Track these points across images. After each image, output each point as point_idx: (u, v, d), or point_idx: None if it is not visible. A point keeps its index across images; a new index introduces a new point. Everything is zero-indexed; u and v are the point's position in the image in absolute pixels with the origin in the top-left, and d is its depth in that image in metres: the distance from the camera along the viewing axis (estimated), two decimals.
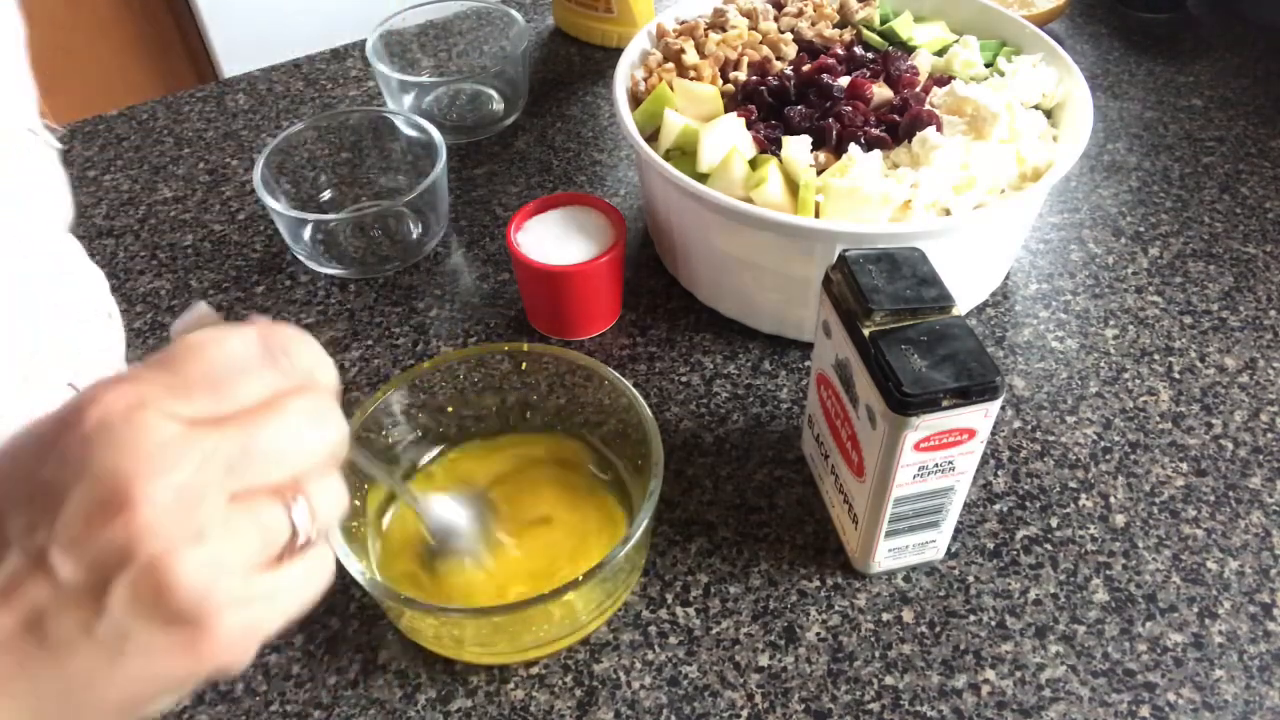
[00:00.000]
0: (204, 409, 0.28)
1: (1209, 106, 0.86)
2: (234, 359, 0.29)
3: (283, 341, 0.31)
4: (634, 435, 0.52)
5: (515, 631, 0.48)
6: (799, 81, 0.67)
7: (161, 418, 0.27)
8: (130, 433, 0.26)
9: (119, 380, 0.28)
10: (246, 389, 0.29)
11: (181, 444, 0.27)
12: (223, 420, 0.28)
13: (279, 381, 0.30)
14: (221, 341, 0.29)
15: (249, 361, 0.29)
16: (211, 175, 0.82)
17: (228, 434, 0.28)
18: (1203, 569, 0.54)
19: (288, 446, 0.30)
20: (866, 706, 0.48)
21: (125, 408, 0.27)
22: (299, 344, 0.31)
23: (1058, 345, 0.66)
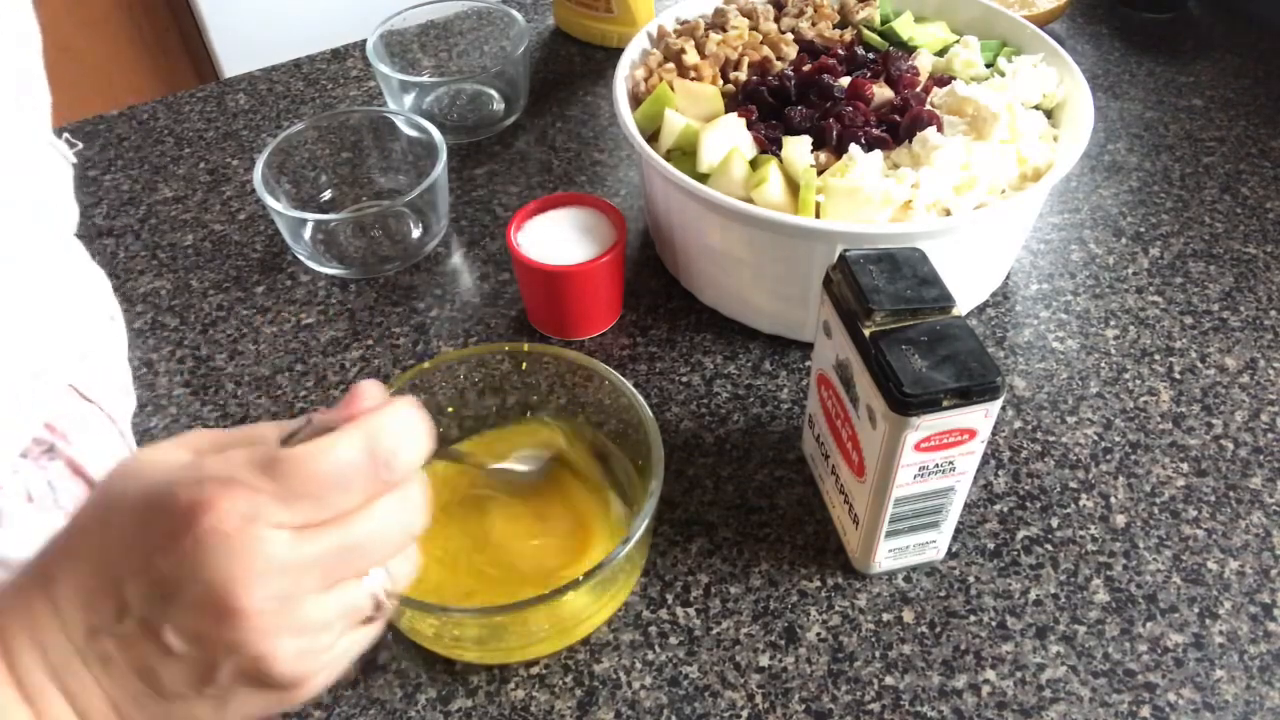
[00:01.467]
0: (307, 517, 0.31)
1: (1209, 106, 0.86)
2: (339, 473, 0.31)
3: (390, 448, 0.32)
4: (634, 435, 0.52)
5: (515, 631, 0.48)
6: (799, 81, 0.67)
7: (269, 531, 0.30)
8: (242, 547, 0.29)
9: (231, 484, 0.30)
10: (347, 498, 0.32)
11: (286, 555, 0.30)
12: (323, 525, 0.31)
13: (377, 488, 0.32)
14: (330, 455, 0.31)
15: (353, 475, 0.32)
16: (211, 175, 0.82)
17: (327, 540, 0.31)
18: (1203, 569, 0.54)
19: (378, 543, 0.33)
20: (867, 707, 0.48)
21: (239, 520, 0.29)
22: (406, 447, 0.33)
23: (1058, 345, 0.66)
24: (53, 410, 0.48)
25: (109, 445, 0.52)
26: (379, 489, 0.32)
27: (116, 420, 0.53)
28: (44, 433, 0.47)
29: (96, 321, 0.55)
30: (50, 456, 0.47)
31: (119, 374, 0.57)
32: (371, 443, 0.32)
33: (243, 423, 0.62)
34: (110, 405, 0.53)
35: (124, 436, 0.54)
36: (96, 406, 0.51)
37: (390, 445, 0.32)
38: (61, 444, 0.48)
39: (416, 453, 0.33)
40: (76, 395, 0.50)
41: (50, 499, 0.46)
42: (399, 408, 0.33)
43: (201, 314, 0.70)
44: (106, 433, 0.52)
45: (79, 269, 0.54)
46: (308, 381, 0.65)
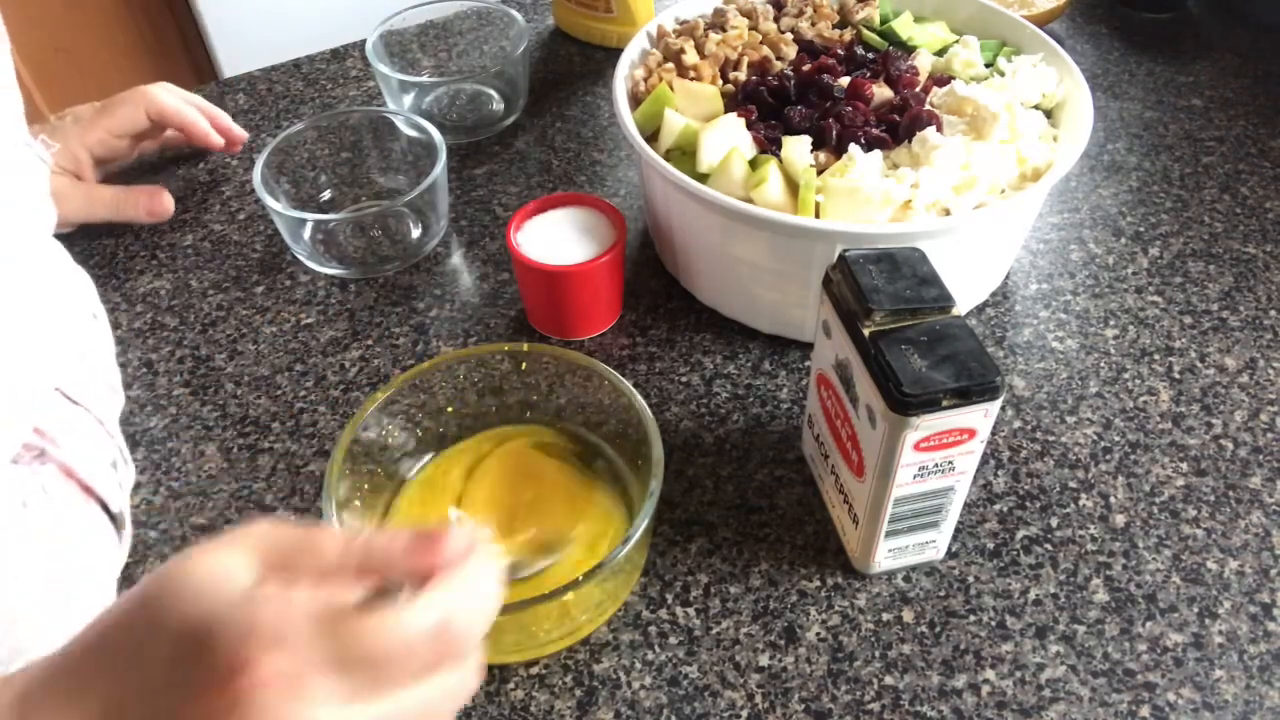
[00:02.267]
0: (360, 685, 0.28)
1: (1209, 106, 0.86)
2: (406, 647, 0.29)
3: (464, 628, 0.30)
4: (634, 435, 0.52)
5: (515, 631, 0.48)
6: (799, 81, 0.67)
7: (317, 707, 0.27)
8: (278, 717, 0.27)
9: (279, 645, 0.27)
10: (405, 671, 0.29)
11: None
12: (375, 692, 0.29)
13: (441, 665, 0.30)
14: (400, 632, 0.29)
15: (420, 651, 0.29)
16: (211, 175, 0.82)
17: (373, 712, 0.29)
18: (1203, 569, 0.54)
19: (433, 713, 0.31)
20: (866, 706, 0.48)
21: (282, 690, 0.27)
22: (479, 625, 0.31)
23: (1058, 345, 0.66)
24: (41, 414, 0.47)
25: (98, 447, 0.51)
26: (441, 661, 0.30)
27: (104, 422, 0.53)
28: (33, 437, 0.47)
29: (80, 321, 0.55)
30: (42, 461, 0.47)
31: (105, 374, 0.57)
32: (446, 621, 0.30)
33: (243, 423, 0.62)
34: (97, 407, 0.53)
35: (112, 437, 0.54)
36: (83, 408, 0.51)
37: (465, 624, 0.30)
38: (51, 448, 0.47)
39: (487, 627, 0.31)
40: (63, 398, 0.50)
41: (45, 504, 0.46)
42: (481, 576, 0.31)
43: (201, 314, 0.70)
44: (95, 435, 0.51)
45: (60, 269, 0.54)
46: (307, 381, 0.65)
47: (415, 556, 0.31)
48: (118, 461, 0.53)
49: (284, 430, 0.62)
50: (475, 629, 0.31)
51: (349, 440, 0.51)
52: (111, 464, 0.52)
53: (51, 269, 0.52)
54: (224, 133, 0.79)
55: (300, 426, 0.62)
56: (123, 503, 0.53)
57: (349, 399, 0.64)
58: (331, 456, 0.50)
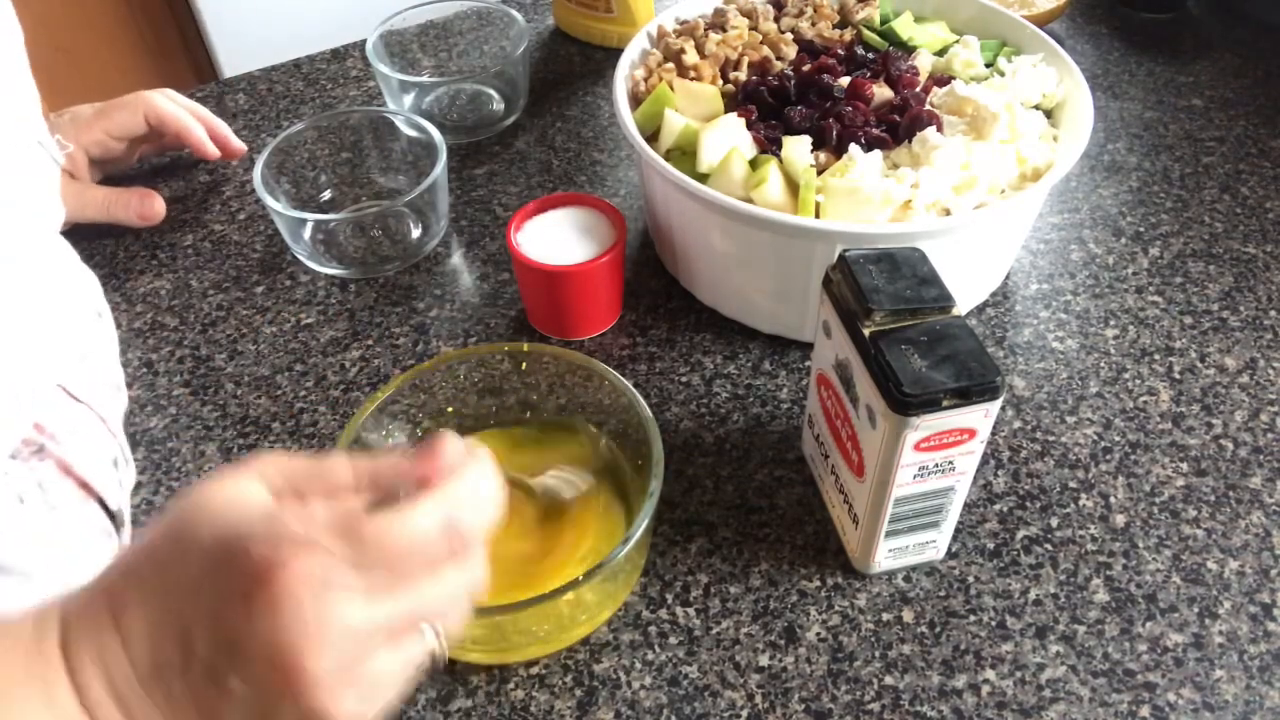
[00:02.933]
0: (379, 582, 0.32)
1: (1209, 106, 0.86)
2: (417, 544, 0.32)
3: (468, 522, 0.34)
4: (634, 435, 0.52)
5: (515, 631, 0.48)
6: (799, 81, 0.67)
7: (341, 598, 0.30)
8: (314, 612, 0.30)
9: (308, 545, 0.30)
10: (419, 565, 0.33)
11: (356, 621, 0.31)
12: (393, 590, 0.32)
13: (448, 555, 0.33)
14: (410, 528, 0.32)
15: (429, 546, 0.33)
16: (211, 175, 0.82)
17: (396, 605, 0.32)
18: (1203, 569, 0.54)
19: (442, 606, 0.34)
20: (866, 706, 0.48)
21: (313, 585, 0.30)
22: (481, 520, 0.35)
23: (1058, 345, 0.66)
24: (42, 411, 0.48)
25: (99, 445, 0.51)
26: (448, 557, 0.33)
27: (106, 419, 0.53)
28: (33, 433, 0.47)
29: (84, 320, 0.55)
30: (40, 457, 0.47)
31: (109, 372, 0.57)
32: (451, 516, 0.33)
33: (243, 423, 0.62)
34: (100, 404, 0.53)
35: (114, 436, 0.54)
36: (86, 406, 0.51)
37: (468, 520, 0.34)
38: (51, 444, 0.47)
39: (490, 522, 0.35)
40: (65, 395, 0.50)
41: (41, 500, 0.46)
42: (479, 476, 0.35)
43: (201, 314, 0.70)
44: (96, 432, 0.52)
45: (65, 267, 0.54)
46: (307, 381, 0.65)
47: (415, 468, 0.34)
48: (119, 460, 0.53)
49: (284, 430, 0.62)
50: (478, 524, 0.34)
51: (349, 440, 0.51)
52: (112, 462, 0.52)
53: (58, 267, 0.52)
54: (221, 143, 0.79)
55: (300, 426, 0.62)
56: (122, 501, 0.53)
57: (349, 399, 0.64)
58: None
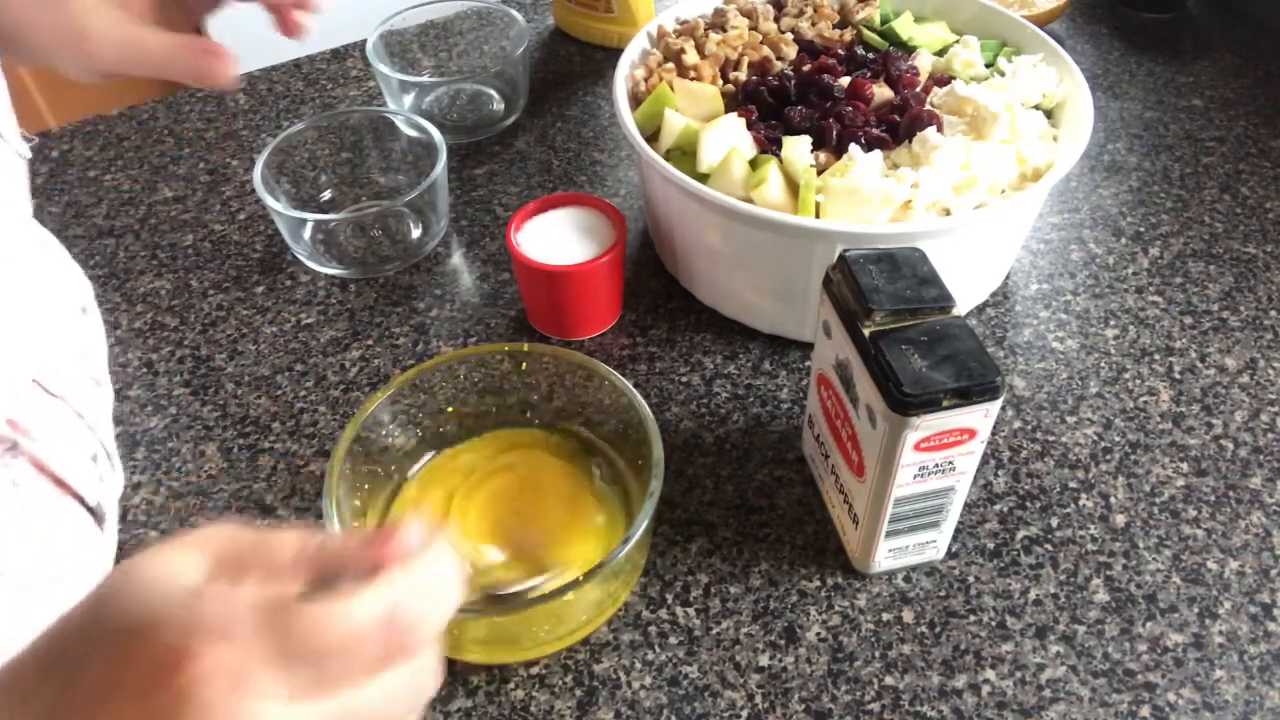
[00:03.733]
0: (306, 681, 0.28)
1: (1209, 106, 0.86)
2: (352, 640, 0.28)
3: (415, 617, 0.29)
4: (634, 435, 0.52)
5: (515, 631, 0.48)
6: (799, 81, 0.67)
7: (257, 702, 0.26)
8: (223, 714, 0.26)
9: (223, 638, 0.27)
10: (354, 665, 0.28)
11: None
12: (320, 693, 0.28)
13: (392, 655, 0.29)
14: (346, 620, 0.28)
15: (363, 644, 0.28)
16: (211, 175, 0.82)
17: (320, 710, 0.28)
18: (1203, 569, 0.54)
19: (378, 711, 0.29)
20: (866, 707, 0.48)
21: (224, 684, 0.26)
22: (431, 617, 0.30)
23: (1058, 345, 0.66)
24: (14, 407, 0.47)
25: (76, 441, 0.51)
26: (392, 656, 0.29)
27: (84, 415, 0.52)
28: (5, 429, 0.46)
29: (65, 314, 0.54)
30: (13, 454, 0.46)
31: (91, 368, 0.56)
32: (395, 609, 0.29)
33: (243, 423, 0.62)
34: (77, 399, 0.52)
35: (93, 430, 0.53)
36: (62, 401, 0.51)
37: (414, 615, 0.29)
38: (25, 441, 0.47)
39: (441, 620, 0.30)
40: (41, 390, 0.49)
41: (13, 499, 0.46)
42: (433, 567, 0.30)
43: (201, 314, 0.70)
44: (74, 428, 0.51)
45: (43, 261, 0.54)
46: (308, 381, 0.65)
47: (367, 551, 0.30)
48: (99, 455, 0.53)
49: (284, 430, 0.62)
50: (426, 621, 0.30)
51: (349, 440, 0.51)
52: (91, 457, 0.52)
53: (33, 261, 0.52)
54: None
55: (300, 426, 0.62)
56: (103, 496, 0.53)
57: (349, 399, 0.64)
58: (331, 456, 0.50)
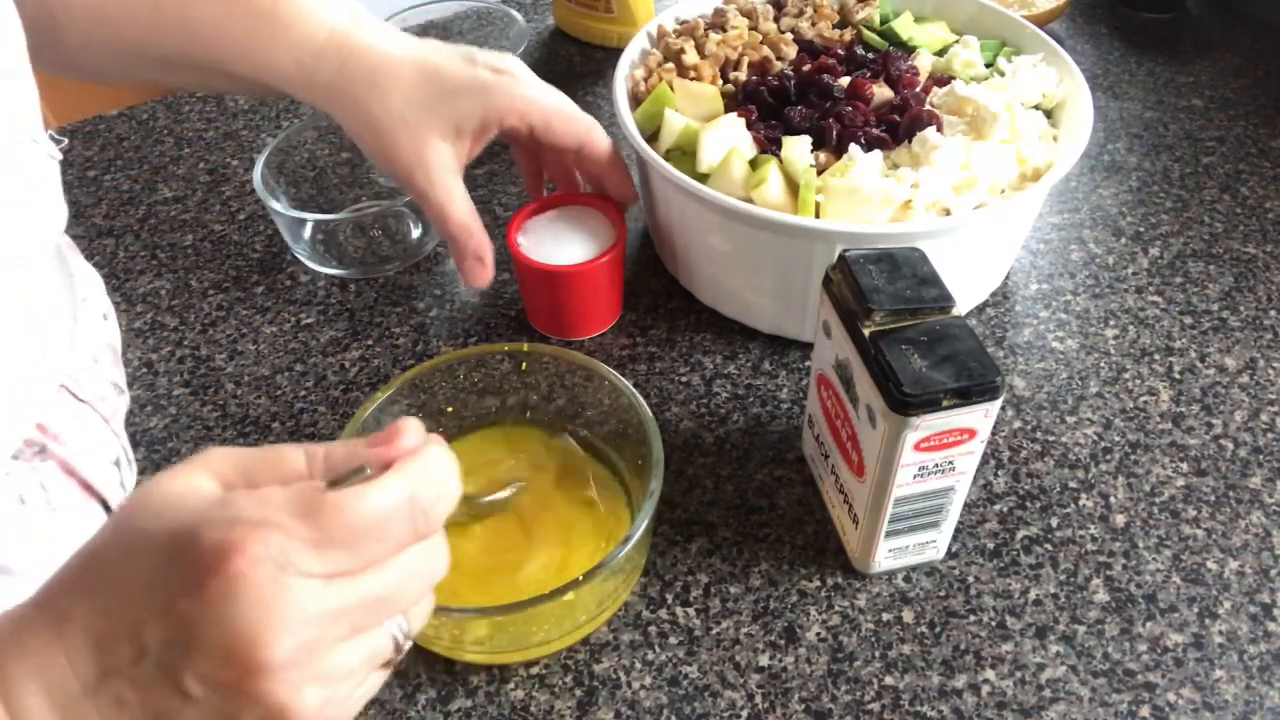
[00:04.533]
0: (339, 564, 0.30)
1: (1209, 106, 0.86)
2: (378, 523, 0.31)
3: (430, 499, 0.33)
4: (634, 435, 0.52)
5: (515, 631, 0.48)
6: (799, 81, 0.67)
7: (300, 580, 0.29)
8: (271, 596, 0.28)
9: (263, 526, 0.29)
10: (380, 547, 0.31)
11: (316, 605, 0.29)
12: (354, 573, 0.31)
13: (409, 537, 0.32)
14: (372, 505, 0.31)
15: (390, 526, 0.31)
16: (211, 175, 0.82)
17: (357, 590, 0.31)
18: (1203, 569, 0.54)
19: (405, 592, 0.33)
20: (866, 706, 0.48)
21: (270, 567, 0.28)
22: (443, 499, 0.33)
23: (1058, 345, 0.66)
24: (44, 411, 0.47)
25: (101, 445, 0.51)
26: (412, 539, 0.32)
27: (109, 420, 0.53)
28: (35, 434, 0.47)
29: (90, 321, 0.55)
30: (42, 458, 0.47)
31: (113, 373, 0.57)
32: (412, 493, 0.32)
33: (243, 423, 0.62)
34: (103, 405, 0.53)
35: (118, 436, 0.54)
36: (89, 406, 0.51)
37: (430, 497, 0.32)
38: (54, 445, 0.47)
39: (451, 503, 0.34)
40: (68, 395, 0.50)
41: (43, 501, 0.46)
42: (438, 456, 0.34)
43: (201, 314, 0.70)
44: (99, 433, 0.52)
45: (71, 268, 0.54)
46: (307, 381, 0.65)
47: (374, 449, 0.33)
48: (121, 460, 0.53)
49: (284, 430, 0.62)
50: (438, 505, 0.33)
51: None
52: (114, 462, 0.52)
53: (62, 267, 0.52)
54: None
55: (300, 426, 0.62)
56: (123, 499, 0.53)
57: (349, 399, 0.64)
58: None
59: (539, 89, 0.59)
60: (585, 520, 0.53)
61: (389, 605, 0.32)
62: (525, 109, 0.58)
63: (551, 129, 0.59)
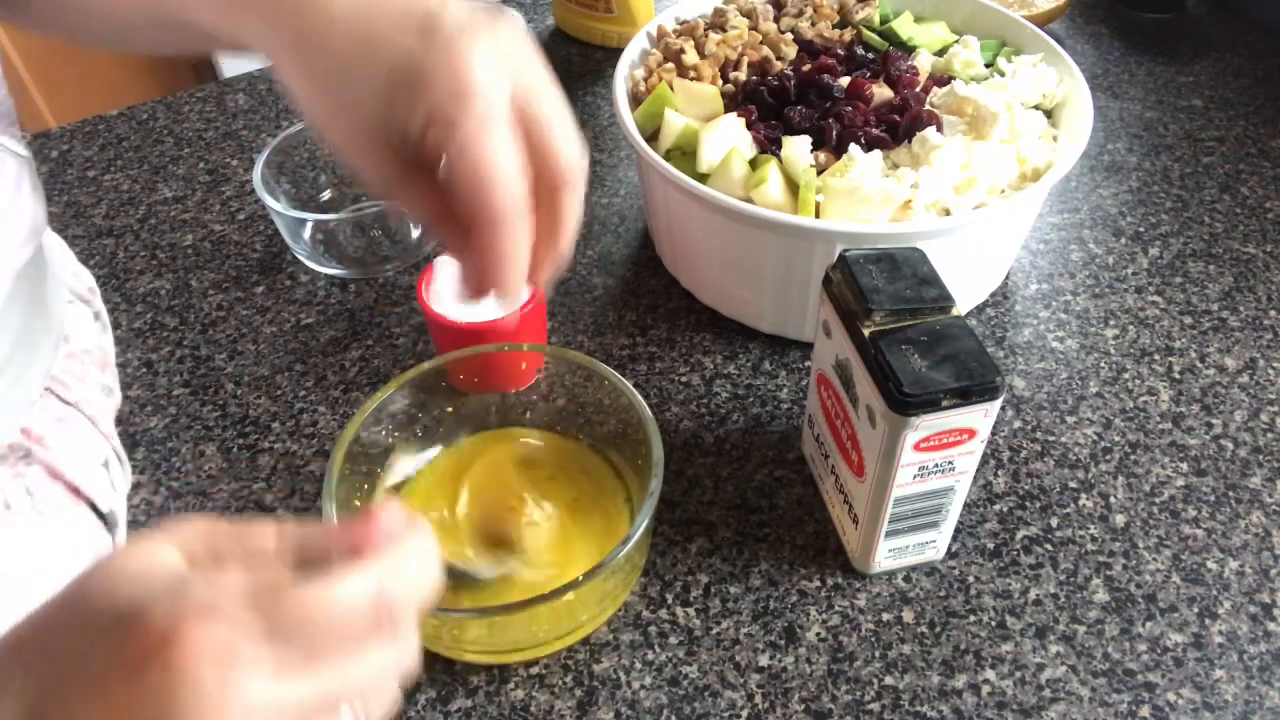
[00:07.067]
0: (293, 657, 0.28)
1: (1209, 106, 0.86)
2: (336, 620, 0.29)
3: (400, 598, 0.30)
4: (634, 435, 0.52)
5: (515, 632, 0.48)
6: (799, 81, 0.67)
7: (246, 676, 0.27)
8: (213, 690, 0.26)
9: (212, 615, 0.27)
10: (339, 643, 0.29)
11: (262, 701, 0.27)
12: (307, 668, 0.28)
13: (375, 638, 0.30)
14: (334, 600, 0.28)
15: (350, 624, 0.29)
16: (211, 175, 0.82)
17: (309, 685, 0.28)
18: (1203, 569, 0.54)
19: (363, 686, 0.30)
20: (866, 707, 0.48)
21: (214, 658, 0.26)
22: (415, 597, 0.31)
23: (1058, 345, 0.66)
24: (29, 414, 0.47)
25: (89, 447, 0.51)
26: (374, 638, 0.30)
27: (97, 422, 0.53)
28: (20, 438, 0.46)
29: (78, 321, 0.55)
30: (27, 462, 0.46)
31: (102, 375, 0.56)
32: (381, 590, 0.29)
33: (243, 423, 0.63)
34: (89, 406, 0.52)
35: (107, 438, 0.54)
36: (75, 409, 0.51)
37: (399, 595, 0.30)
38: (38, 449, 0.47)
39: (423, 601, 0.31)
40: (54, 398, 0.50)
41: (29, 506, 0.46)
42: (415, 550, 0.31)
43: (201, 314, 0.70)
44: (86, 435, 0.51)
45: (56, 269, 0.54)
46: (307, 381, 0.65)
47: (347, 536, 0.31)
48: (110, 461, 0.53)
49: (284, 430, 0.62)
50: (409, 600, 0.31)
51: (349, 440, 0.51)
52: (103, 464, 0.52)
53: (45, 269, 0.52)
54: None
55: (300, 426, 0.62)
56: (115, 503, 0.53)
57: (349, 399, 0.64)
58: (331, 456, 0.50)
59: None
60: (585, 520, 0.53)
61: (343, 700, 0.30)
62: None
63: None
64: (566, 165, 0.40)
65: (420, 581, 0.31)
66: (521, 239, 0.40)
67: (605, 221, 0.76)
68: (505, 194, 0.38)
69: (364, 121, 0.41)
